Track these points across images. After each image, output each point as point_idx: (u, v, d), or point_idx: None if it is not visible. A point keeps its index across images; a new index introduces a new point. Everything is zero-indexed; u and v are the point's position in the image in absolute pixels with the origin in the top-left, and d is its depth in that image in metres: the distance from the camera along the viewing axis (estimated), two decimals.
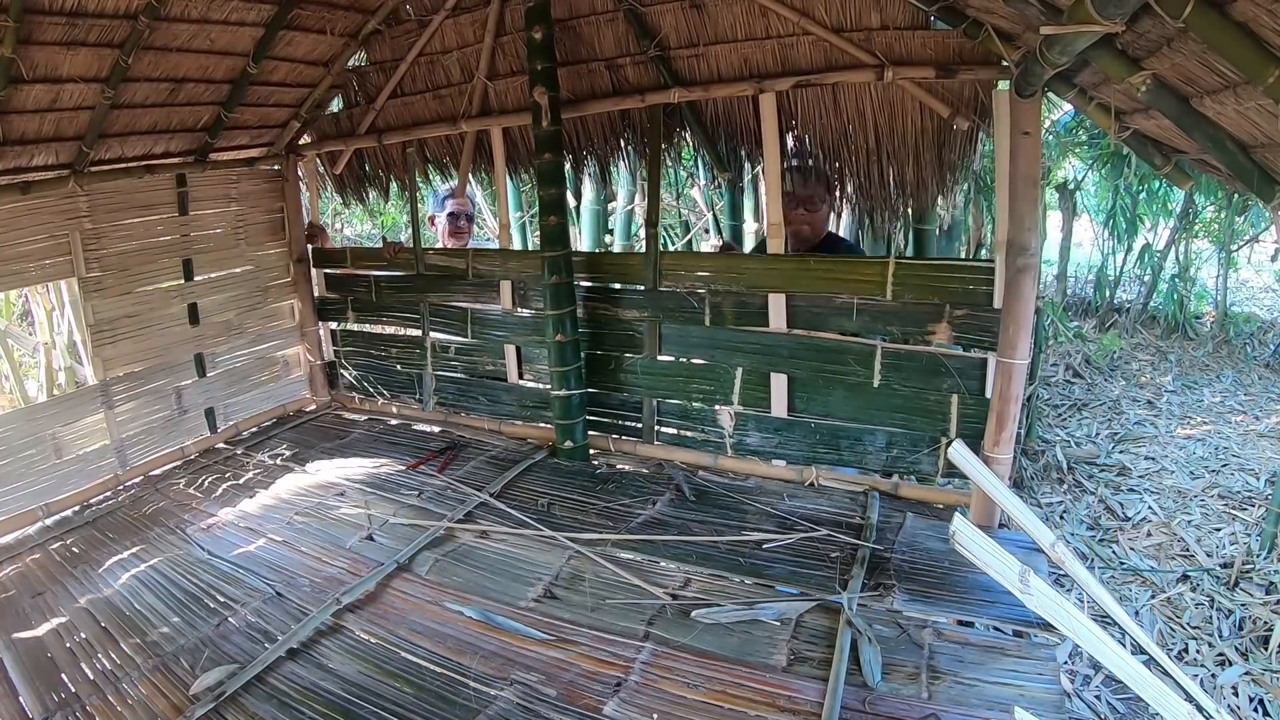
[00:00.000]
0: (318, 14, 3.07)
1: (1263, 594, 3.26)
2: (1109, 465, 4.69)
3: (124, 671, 1.93)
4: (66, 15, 2.37)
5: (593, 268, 3.23)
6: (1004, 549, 1.74)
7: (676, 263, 3.07)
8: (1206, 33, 1.12)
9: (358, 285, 3.90)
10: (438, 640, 2.00)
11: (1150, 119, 1.79)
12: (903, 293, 2.58)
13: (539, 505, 2.72)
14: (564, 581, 2.25)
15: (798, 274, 2.79)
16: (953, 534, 1.68)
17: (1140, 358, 6.70)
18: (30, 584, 2.40)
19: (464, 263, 3.53)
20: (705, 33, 2.76)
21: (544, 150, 2.87)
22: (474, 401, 3.66)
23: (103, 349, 3.13)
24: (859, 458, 2.77)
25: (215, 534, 2.64)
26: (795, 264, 2.78)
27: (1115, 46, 1.47)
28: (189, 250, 3.46)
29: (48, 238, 2.92)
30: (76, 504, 2.97)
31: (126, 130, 3.00)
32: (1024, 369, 2.34)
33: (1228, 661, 2.92)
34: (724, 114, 2.92)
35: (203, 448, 3.47)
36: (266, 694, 1.83)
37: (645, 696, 1.76)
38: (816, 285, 2.74)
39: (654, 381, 3.12)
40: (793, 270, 2.80)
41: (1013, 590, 1.67)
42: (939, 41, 2.39)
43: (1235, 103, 1.30)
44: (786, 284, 2.78)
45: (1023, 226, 2.27)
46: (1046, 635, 1.90)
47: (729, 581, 2.19)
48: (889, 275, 2.58)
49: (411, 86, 3.49)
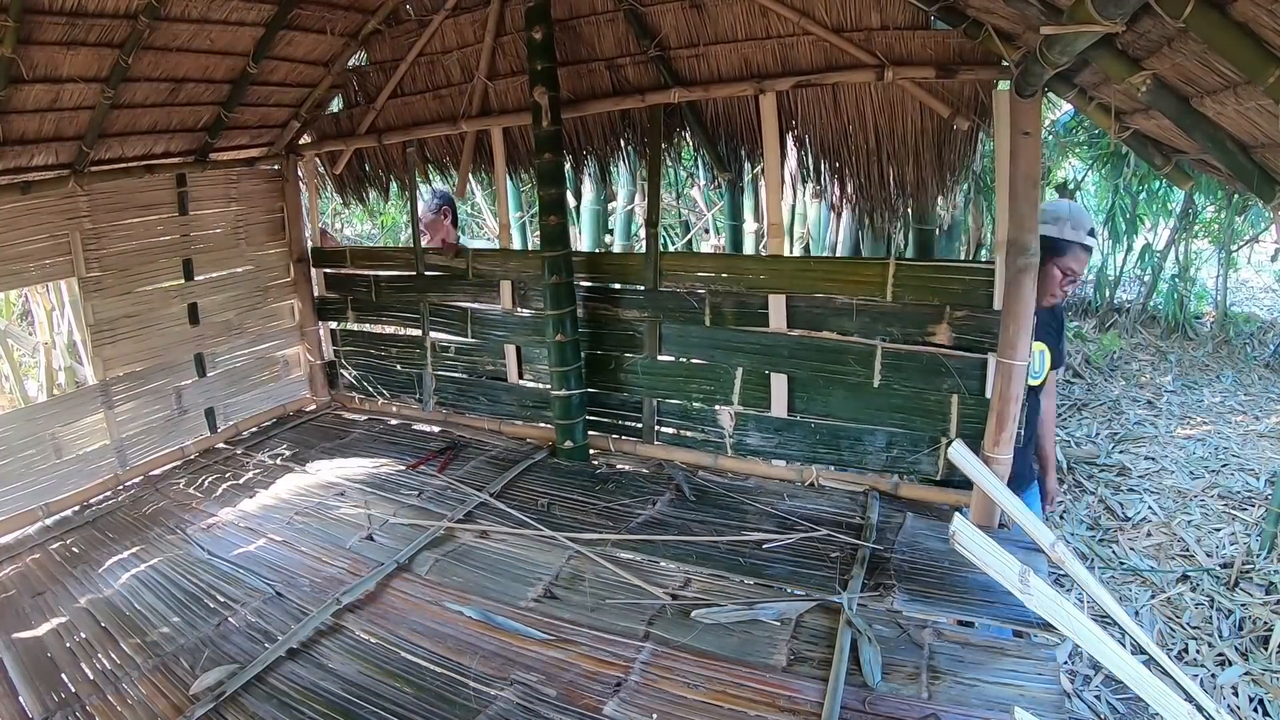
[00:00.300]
0: (318, 14, 3.07)
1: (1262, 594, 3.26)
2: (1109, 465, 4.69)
3: (124, 671, 1.93)
4: (66, 15, 2.37)
5: (593, 268, 3.23)
6: (1004, 549, 1.74)
7: (676, 263, 3.07)
8: (1207, 33, 1.12)
9: (358, 285, 3.91)
10: (438, 640, 2.00)
11: (1150, 119, 1.79)
12: (903, 293, 2.58)
13: (539, 505, 2.72)
14: (564, 581, 2.25)
15: (798, 274, 2.79)
16: (953, 534, 1.68)
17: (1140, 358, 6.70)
18: (30, 584, 2.40)
19: (464, 263, 3.54)
20: (705, 33, 2.76)
21: (544, 150, 2.87)
22: (474, 401, 3.66)
23: (103, 349, 3.13)
24: (859, 458, 2.77)
25: (215, 534, 2.64)
26: (795, 264, 2.78)
27: (1115, 46, 1.47)
28: (189, 250, 3.46)
29: (48, 237, 2.92)
30: (76, 504, 2.97)
31: (126, 130, 3.00)
32: (1024, 369, 2.34)
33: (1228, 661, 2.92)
34: (724, 114, 2.92)
35: (203, 448, 3.47)
36: (266, 694, 1.83)
37: (645, 696, 1.76)
38: (817, 286, 2.74)
39: (654, 381, 3.12)
40: (793, 271, 2.80)
41: (1013, 590, 1.68)
42: (939, 41, 2.39)
43: (1235, 103, 1.30)
44: (787, 284, 2.78)
45: (1023, 227, 2.26)
46: (1046, 635, 1.90)
47: (729, 581, 2.19)
48: (889, 276, 2.58)
49: (411, 86, 3.49)
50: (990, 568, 1.69)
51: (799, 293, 2.76)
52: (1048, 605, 1.66)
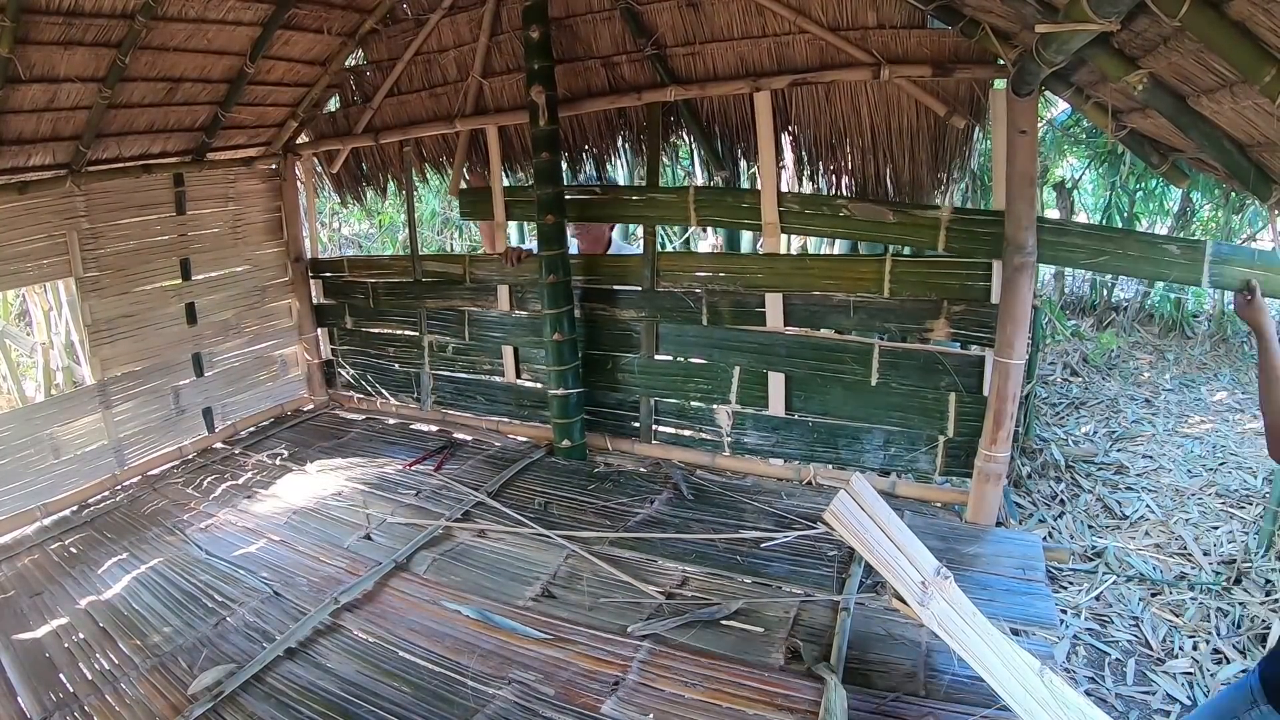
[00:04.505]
0: (315, 13, 3.07)
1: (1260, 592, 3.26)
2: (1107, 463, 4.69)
3: (122, 671, 1.93)
4: (63, 15, 2.36)
5: (590, 268, 3.23)
6: (908, 535, 1.67)
7: (674, 262, 3.07)
8: (1203, 31, 1.12)
9: (355, 292, 3.91)
10: (436, 639, 2.00)
11: (1147, 117, 1.79)
12: (900, 290, 2.59)
13: (536, 504, 2.72)
14: (562, 580, 2.25)
15: (795, 272, 2.79)
16: (831, 509, 1.60)
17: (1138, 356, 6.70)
18: (28, 584, 2.39)
19: (460, 268, 3.54)
20: (702, 31, 2.76)
21: (541, 149, 2.87)
22: (471, 400, 3.66)
23: (100, 349, 3.13)
24: (856, 456, 2.78)
25: (213, 534, 2.64)
26: (792, 262, 2.78)
27: (1112, 45, 1.47)
28: (186, 250, 3.45)
29: (45, 237, 2.92)
30: (74, 504, 2.96)
31: (124, 130, 3.00)
32: (1021, 368, 2.34)
33: (1225, 659, 2.93)
34: (720, 112, 2.91)
35: (200, 447, 3.47)
36: (265, 693, 1.83)
37: (643, 695, 1.76)
38: (814, 283, 2.74)
39: (651, 381, 3.12)
40: (790, 268, 2.80)
41: (901, 588, 1.60)
42: (935, 40, 2.39)
43: (1232, 101, 1.30)
44: (784, 282, 2.78)
45: (1019, 225, 2.27)
46: (1045, 635, 1.90)
47: (727, 580, 2.19)
48: (886, 272, 2.59)
49: (408, 85, 3.49)
50: (872, 552, 1.61)
51: (796, 290, 2.77)
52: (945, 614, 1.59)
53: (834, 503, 1.65)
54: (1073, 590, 3.24)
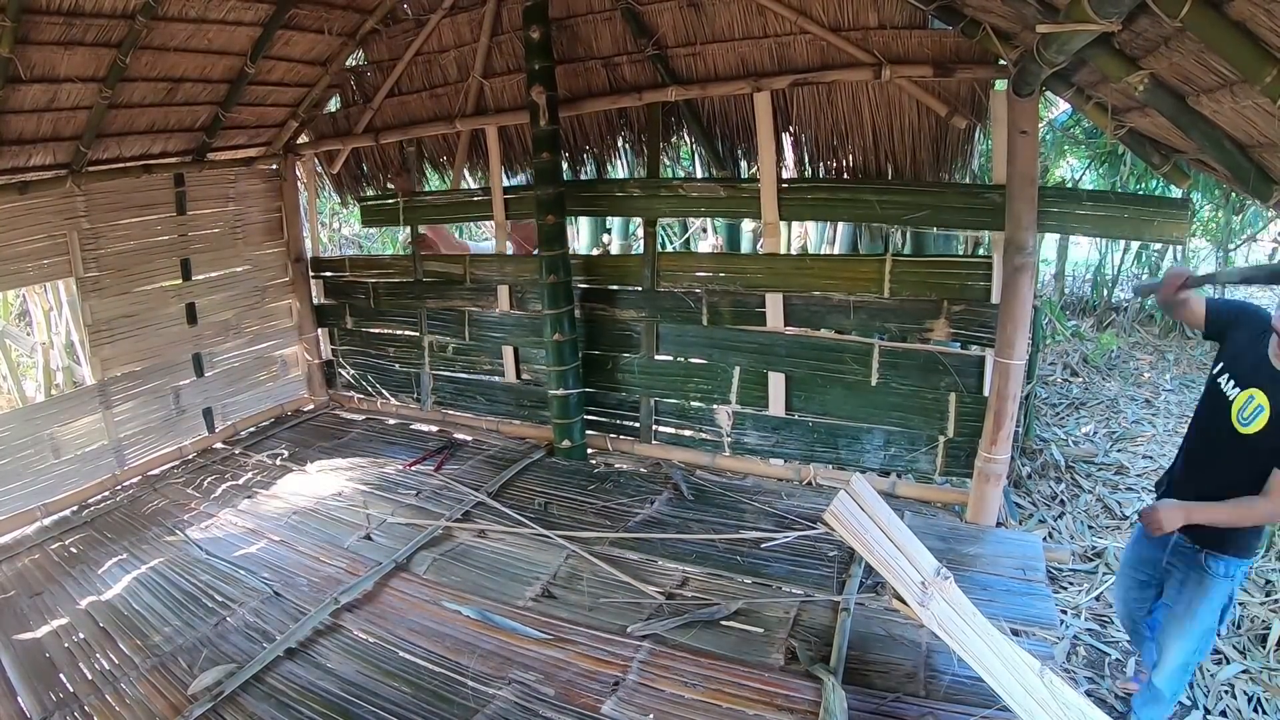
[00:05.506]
0: (315, 13, 3.07)
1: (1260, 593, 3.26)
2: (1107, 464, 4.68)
3: (122, 671, 1.93)
4: (64, 15, 2.36)
5: (590, 268, 3.23)
6: (909, 535, 1.67)
7: (674, 262, 3.07)
8: (1204, 32, 1.12)
9: (356, 292, 3.91)
10: (436, 639, 2.00)
11: (1147, 118, 1.79)
12: (900, 289, 2.59)
13: (537, 504, 2.72)
14: (562, 581, 2.25)
15: (795, 272, 2.79)
16: (831, 509, 1.59)
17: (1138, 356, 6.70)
18: (29, 584, 2.39)
19: (461, 268, 3.54)
20: (702, 31, 2.76)
21: (542, 149, 2.87)
22: (472, 400, 3.66)
23: (101, 349, 3.13)
24: (857, 456, 2.77)
25: (213, 534, 2.64)
26: (792, 262, 2.78)
27: (1112, 45, 1.47)
28: (187, 250, 3.45)
29: (45, 237, 2.92)
30: (74, 504, 2.96)
31: (124, 130, 3.00)
32: (1021, 368, 2.34)
33: (1225, 659, 2.92)
34: (721, 112, 2.92)
35: (201, 447, 3.47)
36: (265, 693, 1.83)
37: (643, 695, 1.76)
38: (814, 283, 2.74)
39: (651, 381, 3.12)
40: (790, 269, 2.80)
41: (899, 582, 1.60)
42: (936, 40, 2.40)
43: (1232, 101, 1.30)
44: (784, 282, 2.78)
45: (1020, 225, 2.27)
46: (1044, 634, 1.90)
47: (727, 580, 2.19)
48: (886, 272, 2.59)
49: (409, 85, 3.49)
50: (873, 553, 1.60)
51: (796, 291, 2.77)
52: (944, 613, 1.58)
53: (834, 503, 1.63)
54: (1073, 590, 3.23)
